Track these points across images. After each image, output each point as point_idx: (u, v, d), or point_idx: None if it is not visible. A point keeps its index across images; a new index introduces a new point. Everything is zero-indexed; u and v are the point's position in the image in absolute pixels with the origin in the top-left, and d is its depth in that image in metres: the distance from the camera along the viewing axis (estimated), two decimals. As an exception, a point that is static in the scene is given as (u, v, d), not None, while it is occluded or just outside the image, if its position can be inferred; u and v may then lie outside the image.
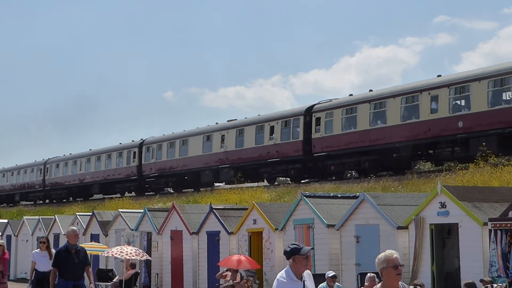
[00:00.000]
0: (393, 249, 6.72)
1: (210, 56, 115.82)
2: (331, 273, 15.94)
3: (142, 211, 27.39)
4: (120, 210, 29.70)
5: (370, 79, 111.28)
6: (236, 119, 43.89)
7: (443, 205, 16.21)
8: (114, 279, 24.19)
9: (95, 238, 28.80)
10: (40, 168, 63.02)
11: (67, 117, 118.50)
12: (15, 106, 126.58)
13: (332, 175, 35.74)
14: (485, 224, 15.26)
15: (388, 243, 16.91)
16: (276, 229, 20.73)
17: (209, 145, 43.75)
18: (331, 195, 21.58)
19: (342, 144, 34.79)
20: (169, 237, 25.33)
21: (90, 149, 58.76)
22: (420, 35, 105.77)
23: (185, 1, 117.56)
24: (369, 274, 14.63)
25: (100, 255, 25.75)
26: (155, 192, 48.51)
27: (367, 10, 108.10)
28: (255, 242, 21.86)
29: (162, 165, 48.14)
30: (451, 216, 16.10)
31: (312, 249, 7.85)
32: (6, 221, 37.90)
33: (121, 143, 54.83)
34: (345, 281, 18.16)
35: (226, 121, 44.62)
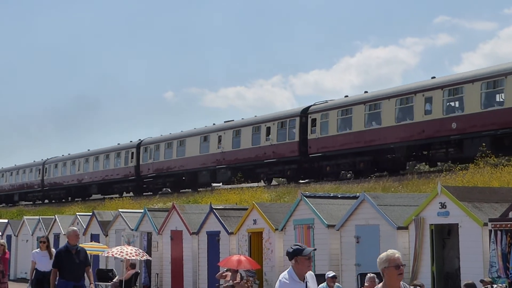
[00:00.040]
0: (393, 249, 6.70)
1: (210, 56, 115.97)
2: (331, 274, 15.94)
3: (142, 211, 27.39)
4: (120, 210, 29.69)
5: (371, 79, 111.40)
6: (233, 120, 44.01)
7: (443, 205, 16.21)
8: (114, 279, 24.19)
9: (95, 238, 28.80)
10: (39, 168, 63.13)
11: (67, 117, 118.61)
12: (15, 106, 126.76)
13: (328, 175, 35.90)
14: (485, 224, 15.26)
15: (388, 243, 16.91)
16: (276, 229, 20.73)
17: (206, 145, 43.91)
18: (331, 195, 21.58)
19: (337, 145, 35.02)
20: (169, 237, 25.33)
21: (88, 149, 58.94)
22: (421, 35, 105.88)
23: (185, 1, 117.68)
24: (369, 275, 14.63)
25: (100, 255, 25.76)
26: (153, 192, 48.61)
27: (367, 11, 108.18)
28: (255, 242, 21.86)
29: (159, 165, 48.25)
30: (451, 216, 16.10)
31: (315, 250, 7.82)
32: (6, 221, 37.91)
33: (119, 143, 54.98)
34: (345, 281, 18.15)
35: (223, 122, 44.79)
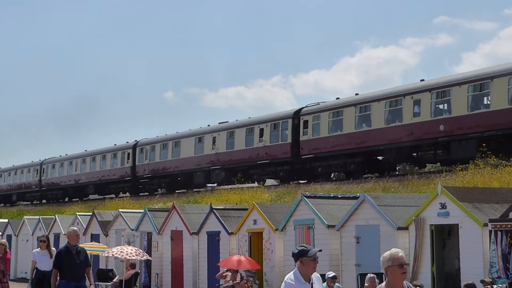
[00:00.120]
0: (396, 248, 6.71)
1: (210, 56, 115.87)
2: (331, 274, 15.93)
3: (142, 211, 27.39)
4: (121, 210, 29.69)
5: (371, 79, 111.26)
6: (227, 121, 44.42)
7: (443, 206, 16.20)
8: (114, 279, 24.20)
9: (95, 238, 28.81)
10: (37, 169, 63.42)
11: (67, 117, 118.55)
12: (15, 106, 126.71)
13: (320, 176, 36.27)
14: (485, 225, 15.25)
15: (388, 243, 16.89)
16: (277, 229, 20.72)
17: (201, 146, 44.39)
18: (331, 195, 21.58)
19: (328, 147, 35.56)
20: (169, 237, 25.33)
21: (85, 149, 59.19)
22: (421, 35, 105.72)
23: (185, 1, 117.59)
24: (369, 275, 14.63)
25: (100, 255, 25.77)
26: (149, 193, 48.99)
27: (367, 11, 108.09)
28: (255, 243, 21.86)
29: (155, 166, 48.65)
30: (451, 217, 16.09)
31: (320, 251, 7.81)
32: (6, 220, 37.94)
33: (115, 144, 55.29)
34: (345, 281, 18.14)
35: (218, 123, 45.19)
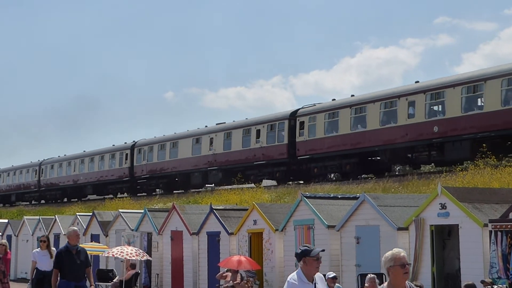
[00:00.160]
0: (398, 248, 6.71)
1: (210, 56, 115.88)
2: (331, 274, 15.92)
3: (143, 211, 27.40)
4: (121, 210, 29.70)
5: (371, 80, 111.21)
6: (224, 122, 44.65)
7: (443, 206, 16.20)
8: (114, 279, 24.20)
9: (95, 238, 28.81)
10: (36, 169, 63.52)
11: (67, 117, 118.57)
12: (15, 106, 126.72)
13: (315, 177, 36.49)
14: (486, 225, 15.25)
15: (389, 244, 16.89)
16: (277, 229, 20.72)
17: (198, 147, 44.63)
18: (331, 196, 21.58)
19: (324, 148, 35.84)
20: (170, 237, 25.34)
21: (84, 150, 59.36)
22: (421, 36, 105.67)
23: (185, 1, 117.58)
24: (369, 275, 14.61)
25: (101, 255, 25.76)
26: (146, 193, 49.18)
27: (367, 11, 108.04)
28: (255, 243, 21.86)
29: (153, 166, 48.86)
30: (452, 217, 16.09)
31: (323, 251, 7.80)
32: (6, 221, 37.93)
33: (114, 144, 55.53)
34: (345, 282, 18.14)
35: (215, 124, 45.43)
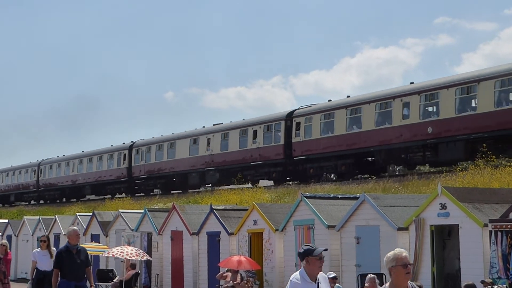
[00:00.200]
0: (400, 248, 6.71)
1: (210, 56, 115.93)
2: (331, 274, 15.90)
3: (142, 211, 27.40)
4: (121, 210, 29.70)
5: (371, 80, 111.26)
6: (222, 123, 44.82)
7: (443, 206, 16.20)
8: (115, 279, 24.19)
9: (95, 238, 28.82)
10: (35, 169, 63.59)
11: (67, 117, 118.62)
12: (15, 106, 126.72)
13: (311, 178, 36.66)
14: (486, 225, 15.24)
15: (389, 244, 16.91)
16: (277, 230, 20.72)
17: (196, 148, 44.88)
18: (331, 196, 21.58)
19: (320, 148, 36.06)
20: (170, 237, 25.33)
21: (82, 150, 59.40)
22: (421, 36, 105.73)
23: (185, 1, 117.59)
24: (369, 275, 14.61)
25: (101, 255, 25.76)
26: (144, 193, 49.36)
27: (367, 11, 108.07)
28: (256, 243, 21.86)
29: (151, 167, 49.08)
30: (452, 217, 16.09)
31: (326, 250, 7.81)
32: (6, 221, 37.93)
33: (112, 145, 55.75)
34: (345, 282, 18.14)
35: (212, 124, 45.65)
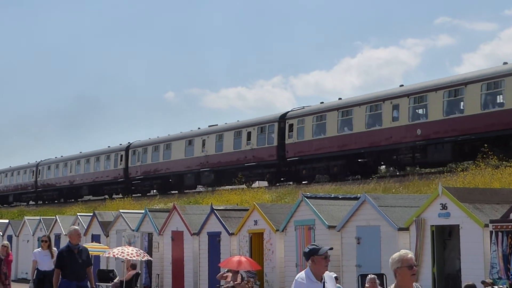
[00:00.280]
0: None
1: (210, 56, 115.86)
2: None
3: (143, 211, 27.41)
4: (121, 210, 29.71)
5: (371, 80, 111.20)
6: (216, 125, 45.17)
7: (444, 206, 16.20)
8: (115, 279, 24.20)
9: (96, 238, 28.83)
10: (33, 170, 63.73)
11: (67, 117, 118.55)
12: (15, 106, 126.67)
13: (304, 179, 37.02)
14: (486, 225, 15.25)
15: (389, 244, 16.93)
16: (277, 230, 20.72)
17: (191, 149, 45.30)
18: (332, 196, 21.58)
19: (312, 150, 36.41)
20: (170, 237, 25.34)
21: (84, 151, 59.66)
22: (421, 36, 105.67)
23: (185, 1, 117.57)
24: (370, 276, 14.63)
25: (101, 255, 25.76)
26: (141, 194, 49.65)
27: (367, 11, 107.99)
28: (256, 243, 21.86)
29: (147, 168, 49.44)
30: (452, 217, 16.09)
31: (332, 249, 7.84)
32: (7, 221, 37.95)
33: (109, 146, 56.06)
34: (345, 282, 18.14)
35: (207, 126, 46.05)
